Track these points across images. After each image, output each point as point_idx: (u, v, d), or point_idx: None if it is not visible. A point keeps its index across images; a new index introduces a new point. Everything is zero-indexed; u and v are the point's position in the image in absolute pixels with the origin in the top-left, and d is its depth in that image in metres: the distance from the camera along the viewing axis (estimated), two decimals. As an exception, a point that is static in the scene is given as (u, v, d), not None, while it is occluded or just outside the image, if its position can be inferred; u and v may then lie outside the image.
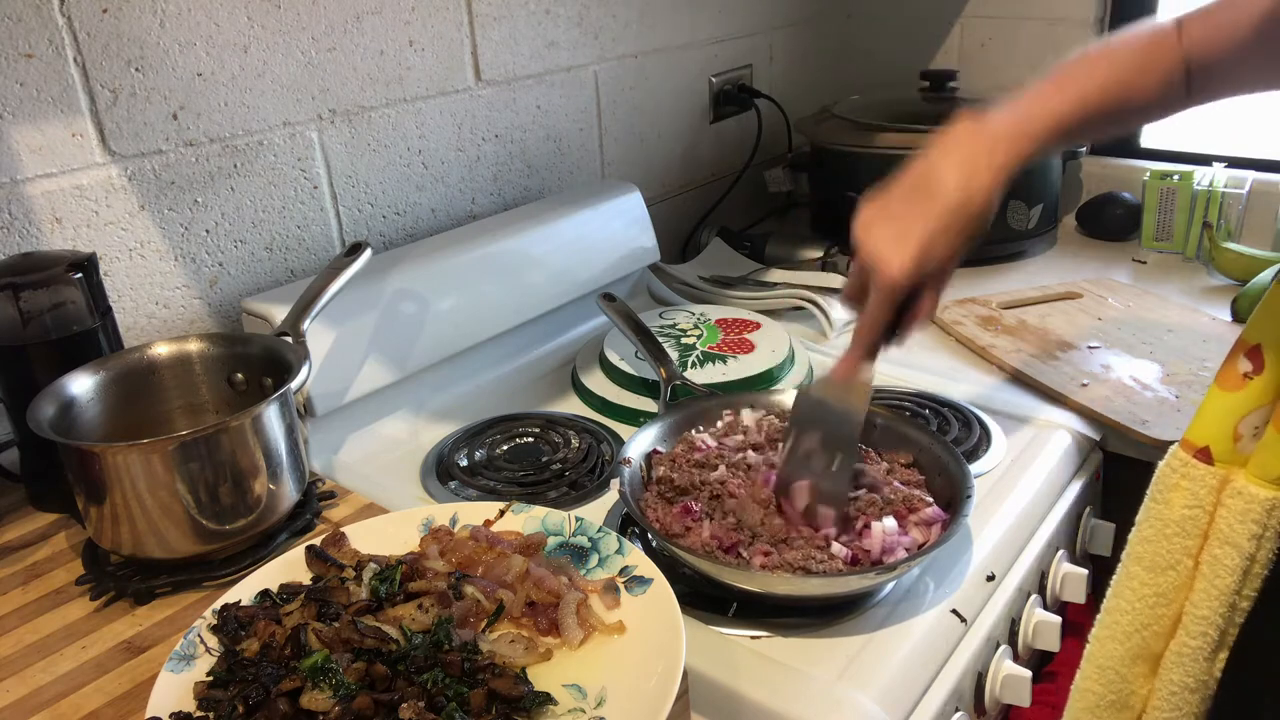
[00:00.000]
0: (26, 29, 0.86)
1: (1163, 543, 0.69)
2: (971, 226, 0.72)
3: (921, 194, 0.72)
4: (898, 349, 0.80)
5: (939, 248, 0.71)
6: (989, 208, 0.72)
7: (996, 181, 0.72)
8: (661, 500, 0.82)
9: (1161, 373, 1.10)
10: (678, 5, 1.50)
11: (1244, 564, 0.64)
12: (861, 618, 0.76)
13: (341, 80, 1.10)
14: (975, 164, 0.72)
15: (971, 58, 1.73)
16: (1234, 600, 0.65)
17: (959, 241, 0.72)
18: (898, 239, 0.71)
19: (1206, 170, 1.48)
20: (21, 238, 0.90)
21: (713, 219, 1.63)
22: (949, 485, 0.82)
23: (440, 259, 1.11)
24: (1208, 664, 0.67)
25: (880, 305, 0.73)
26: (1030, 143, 0.72)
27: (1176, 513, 0.68)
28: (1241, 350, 0.67)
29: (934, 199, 0.71)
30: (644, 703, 0.58)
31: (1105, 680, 0.73)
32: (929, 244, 0.71)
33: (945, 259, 0.72)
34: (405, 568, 0.69)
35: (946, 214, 0.71)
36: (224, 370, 0.88)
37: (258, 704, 0.57)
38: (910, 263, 0.71)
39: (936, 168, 0.73)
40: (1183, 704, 0.68)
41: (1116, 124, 0.77)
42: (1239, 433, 0.66)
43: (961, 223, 0.71)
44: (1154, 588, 0.69)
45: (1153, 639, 0.70)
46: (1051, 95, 0.74)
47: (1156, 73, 0.72)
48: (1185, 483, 0.67)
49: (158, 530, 0.75)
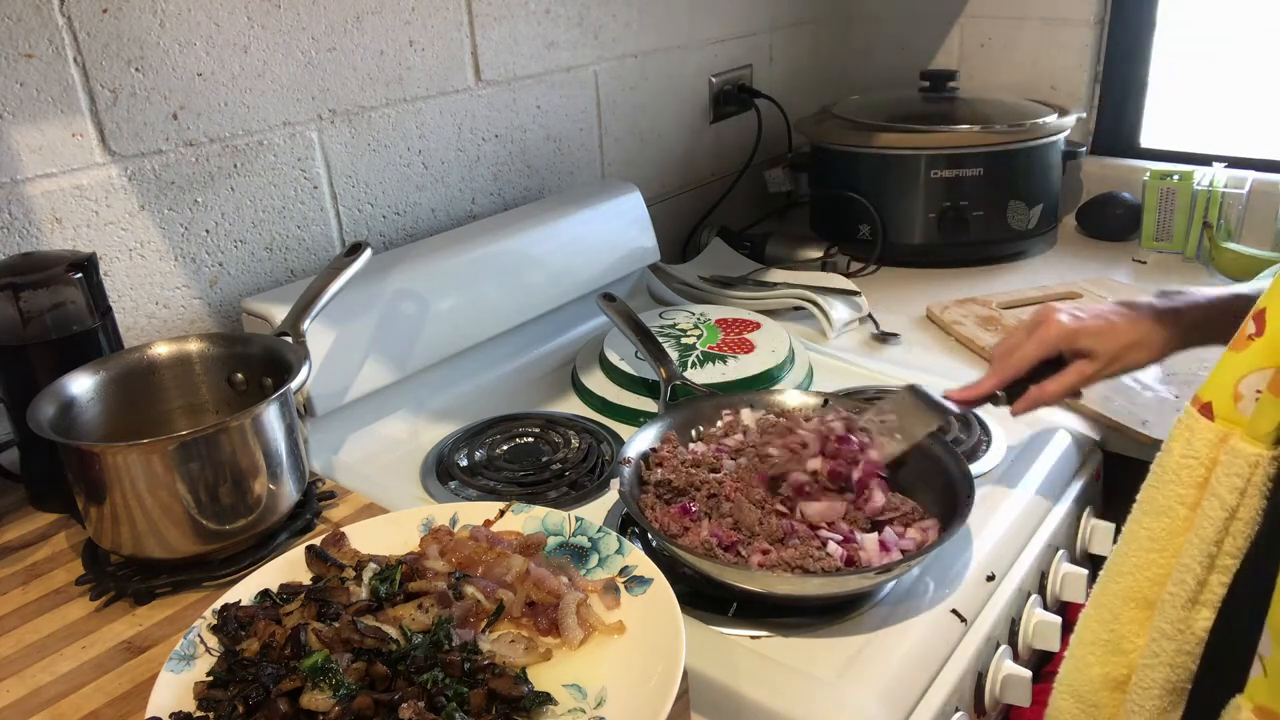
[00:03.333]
0: (26, 29, 0.86)
1: (1160, 489, 0.72)
2: (1130, 360, 0.84)
3: (1122, 312, 0.85)
4: (901, 349, 0.85)
5: (1104, 337, 0.83)
6: (1150, 360, 0.85)
7: (1163, 352, 0.84)
8: (659, 500, 0.83)
9: (1161, 373, 1.10)
10: (678, 5, 1.50)
11: (1224, 515, 0.66)
12: (861, 618, 0.76)
13: (341, 80, 1.10)
14: (1164, 331, 0.84)
15: (971, 58, 1.73)
16: (1213, 551, 0.67)
17: (1114, 348, 0.83)
18: (1076, 312, 0.85)
19: (1206, 170, 1.48)
20: (21, 238, 0.90)
21: (713, 219, 1.63)
22: (949, 485, 0.82)
23: (440, 259, 1.11)
24: (1184, 613, 0.69)
25: (1033, 349, 0.85)
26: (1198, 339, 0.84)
27: (1174, 460, 0.71)
28: (1252, 314, 0.69)
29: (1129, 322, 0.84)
30: (644, 703, 0.58)
31: (1101, 619, 0.75)
32: (1098, 330, 0.83)
33: (1100, 351, 0.83)
34: (405, 568, 0.69)
35: (1127, 335, 0.83)
36: (224, 370, 0.88)
37: (258, 704, 0.57)
38: (1080, 324, 0.83)
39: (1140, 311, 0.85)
40: (1160, 650, 0.70)
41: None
42: (1239, 392, 0.68)
43: (1122, 355, 0.84)
44: (1148, 531, 0.72)
45: (1145, 584, 0.72)
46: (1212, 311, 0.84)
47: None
48: (1185, 433, 0.70)
49: (158, 530, 0.75)
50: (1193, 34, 1.59)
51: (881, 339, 1.24)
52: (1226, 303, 0.84)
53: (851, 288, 1.34)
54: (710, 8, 1.57)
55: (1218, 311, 0.84)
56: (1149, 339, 0.84)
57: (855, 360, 1.18)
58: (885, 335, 1.24)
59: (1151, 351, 0.84)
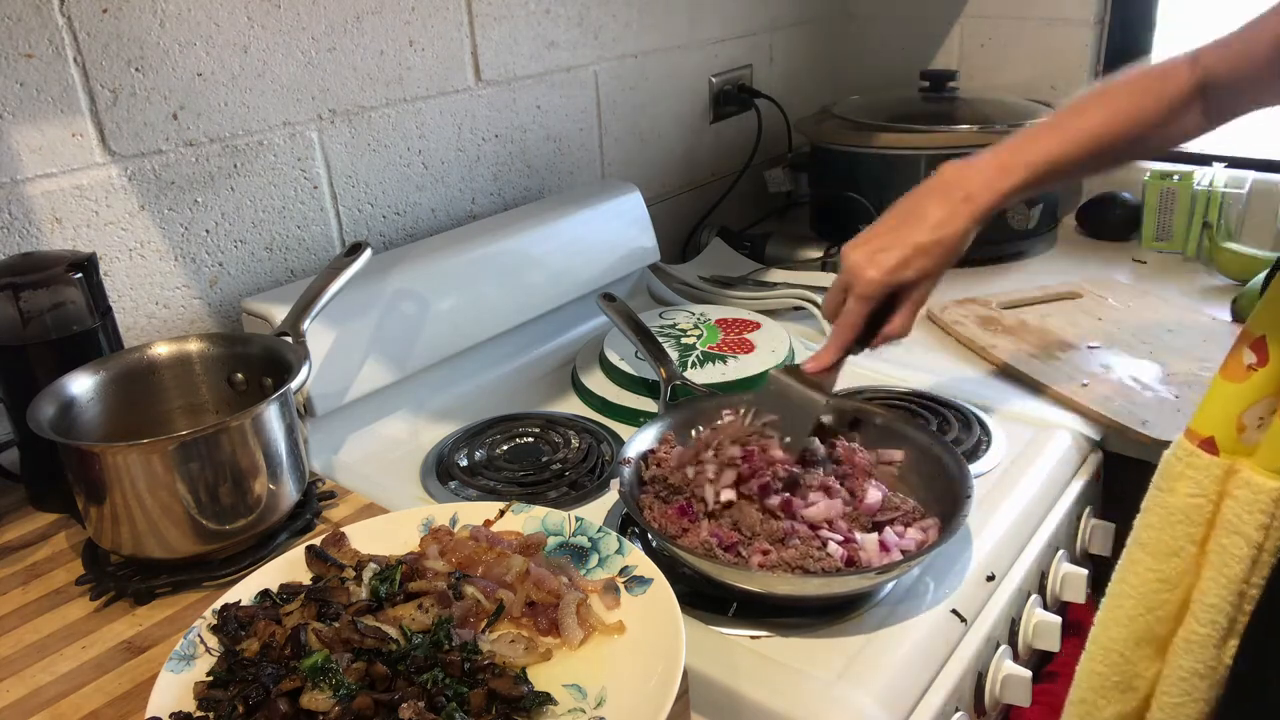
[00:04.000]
0: (26, 29, 0.86)
1: (1167, 530, 0.71)
2: (946, 257, 0.81)
3: (904, 224, 0.82)
4: (901, 349, 0.84)
5: (912, 266, 0.80)
6: (963, 243, 0.81)
7: (971, 222, 0.81)
8: (659, 500, 0.82)
9: (1161, 373, 1.10)
10: (678, 5, 1.50)
11: (1252, 553, 0.66)
12: (861, 618, 0.76)
13: (341, 80, 1.10)
14: (954, 204, 0.80)
15: (971, 58, 1.73)
16: (1242, 589, 0.67)
17: (932, 266, 0.81)
18: (877, 252, 0.81)
19: (1206, 170, 1.48)
20: (21, 238, 0.90)
21: (713, 219, 1.63)
22: (949, 485, 0.82)
23: (440, 259, 1.11)
24: (1216, 651, 0.68)
25: (856, 308, 0.82)
26: (1007, 187, 0.80)
27: (1181, 501, 0.70)
28: (1246, 342, 0.69)
29: (915, 229, 0.80)
30: (644, 703, 0.58)
31: (1110, 662, 0.74)
32: (904, 261, 0.80)
33: (918, 277, 0.81)
34: (405, 568, 0.69)
35: (925, 241, 0.80)
36: (224, 370, 0.88)
37: (258, 704, 0.57)
38: (884, 271, 0.80)
39: (920, 203, 0.82)
40: (1192, 690, 0.69)
41: (1113, 160, 0.83)
42: (1243, 423, 0.68)
43: (938, 251, 0.80)
44: (1158, 573, 0.71)
45: (1156, 623, 0.72)
46: (1043, 136, 0.81)
47: (1160, 104, 0.77)
48: (1190, 472, 0.69)
49: (158, 530, 0.75)
50: (1193, 34, 1.59)
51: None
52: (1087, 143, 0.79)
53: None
54: (710, 8, 1.57)
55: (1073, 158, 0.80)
56: (960, 233, 0.80)
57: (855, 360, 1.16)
58: (883, 339, 1.24)
59: (967, 238, 0.81)
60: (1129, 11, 1.59)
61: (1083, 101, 0.80)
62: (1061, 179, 0.82)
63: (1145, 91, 0.78)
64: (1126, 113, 0.78)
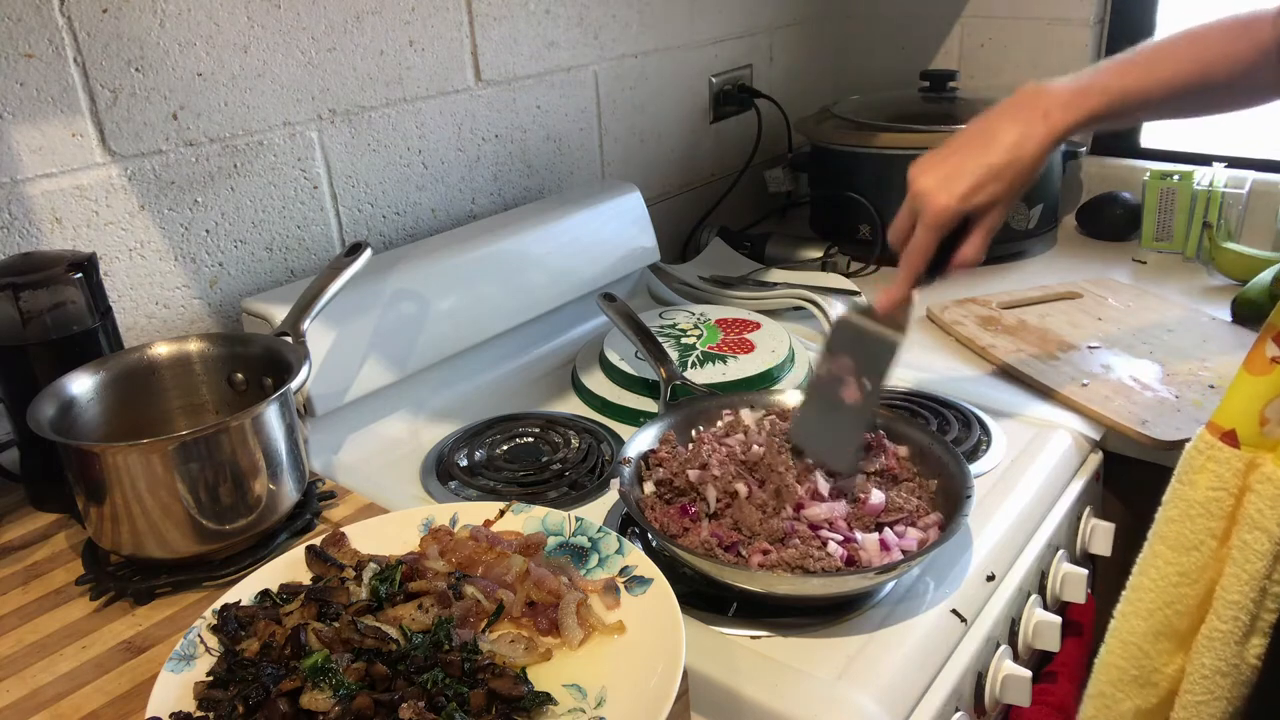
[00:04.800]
0: (26, 29, 0.86)
1: (1187, 523, 0.70)
2: (1020, 179, 0.77)
3: (977, 145, 0.78)
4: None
5: (986, 190, 0.76)
6: (1038, 164, 0.78)
7: (1048, 140, 0.77)
8: (659, 500, 0.83)
9: (1161, 373, 1.10)
10: (678, 5, 1.50)
11: (1274, 549, 0.65)
12: (861, 618, 0.76)
13: (341, 80, 1.10)
14: (1031, 123, 0.77)
15: (971, 58, 1.73)
16: (1264, 585, 0.66)
17: (1007, 190, 0.77)
18: (948, 178, 0.77)
19: (1206, 170, 1.48)
20: (21, 238, 0.90)
21: (713, 219, 1.63)
22: (949, 485, 0.82)
23: (440, 259, 1.11)
24: (1239, 648, 0.68)
25: (926, 237, 0.78)
26: (1087, 110, 0.77)
27: (1201, 494, 0.69)
28: (1270, 335, 0.68)
29: (988, 150, 0.77)
30: (644, 703, 0.58)
31: (1129, 655, 0.74)
32: (977, 185, 0.76)
33: (991, 202, 0.77)
34: (405, 568, 0.69)
35: (998, 163, 0.77)
36: (224, 370, 0.88)
37: (258, 704, 0.57)
38: (956, 198, 0.76)
39: (995, 124, 0.78)
40: (1215, 687, 0.69)
41: (1188, 105, 0.79)
42: (1265, 417, 0.67)
43: (1012, 173, 0.77)
44: (1178, 567, 0.71)
45: (1175, 617, 0.71)
46: (1122, 71, 0.78)
47: (1250, 53, 0.74)
48: (1211, 465, 0.69)
49: (158, 530, 0.75)
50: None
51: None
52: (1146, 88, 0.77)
53: (851, 288, 1.34)
54: (710, 8, 1.57)
55: (1154, 96, 0.77)
56: (1036, 153, 0.77)
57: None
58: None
59: (1043, 160, 0.78)
60: (1129, 11, 1.59)
61: (1172, 40, 0.77)
62: (1137, 116, 0.80)
63: (1237, 37, 0.74)
64: (1214, 59, 0.75)
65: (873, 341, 0.81)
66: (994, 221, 0.79)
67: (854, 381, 0.81)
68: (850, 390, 0.80)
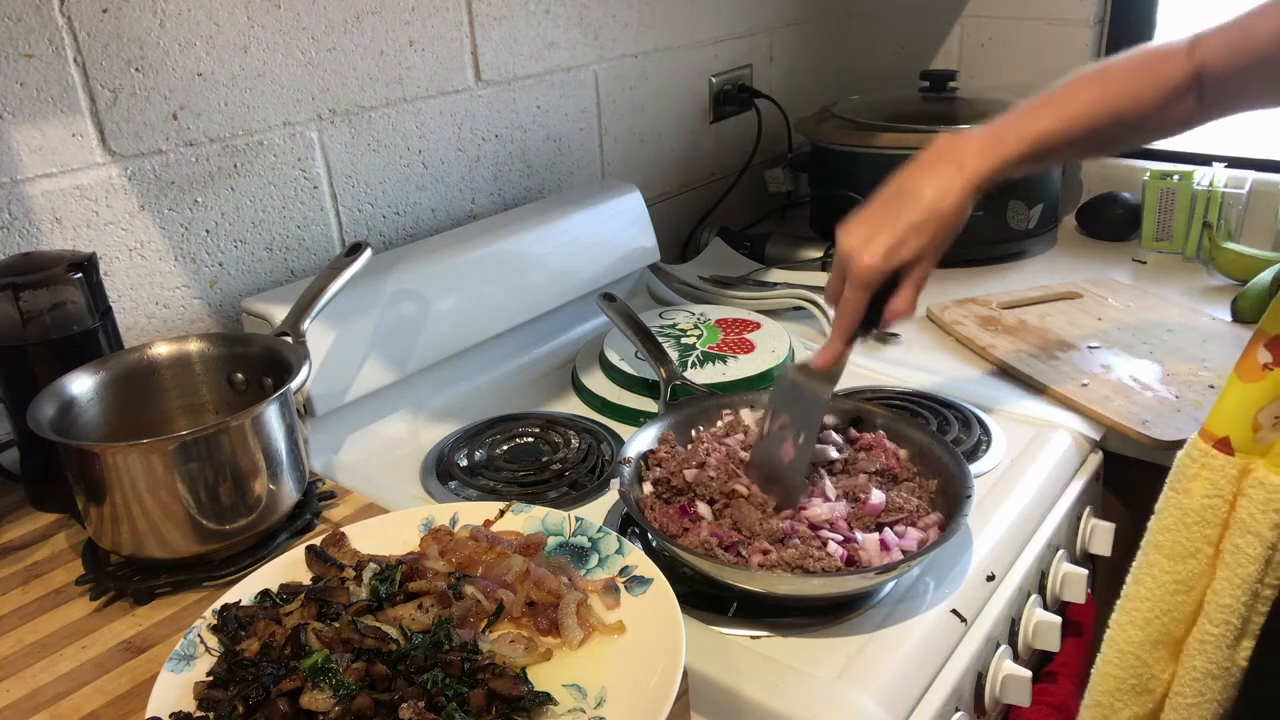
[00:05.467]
0: (26, 29, 0.86)
1: (1183, 531, 0.70)
2: (943, 231, 0.78)
3: (897, 201, 0.79)
4: (901, 349, 0.82)
5: (908, 246, 0.77)
6: (960, 215, 0.79)
7: (966, 191, 0.78)
8: (659, 500, 0.83)
9: (1161, 373, 1.10)
10: (678, 5, 1.50)
11: (1266, 553, 0.65)
12: (861, 618, 0.76)
13: (341, 80, 1.10)
14: (948, 175, 0.78)
15: (971, 58, 1.73)
16: (1256, 589, 0.66)
17: (930, 243, 0.78)
18: (869, 238, 0.78)
19: (1206, 170, 1.48)
20: (21, 238, 0.90)
21: (713, 219, 1.63)
22: (949, 485, 0.82)
23: (440, 259, 1.11)
24: (1230, 651, 0.68)
25: (855, 296, 0.79)
26: (1001, 157, 0.78)
27: (1196, 502, 0.69)
28: (1261, 341, 0.68)
29: (907, 207, 0.78)
30: (644, 703, 0.58)
31: (1126, 664, 0.74)
32: (899, 242, 0.77)
33: (916, 257, 0.78)
34: (405, 568, 0.69)
35: (918, 219, 0.78)
36: (224, 370, 0.88)
37: (258, 704, 0.57)
38: (879, 257, 0.77)
39: (913, 180, 0.79)
40: (1205, 690, 0.69)
41: (1107, 142, 0.81)
42: (1259, 423, 0.67)
43: (933, 227, 0.78)
44: (1174, 575, 0.71)
45: (1173, 625, 0.71)
46: (1035, 114, 0.79)
47: (1156, 90, 0.76)
48: (1205, 472, 0.69)
49: (158, 530, 0.75)
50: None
51: (881, 339, 1.24)
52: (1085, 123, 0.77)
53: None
54: (710, 8, 1.57)
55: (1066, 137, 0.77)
56: (955, 206, 0.78)
57: (855, 360, 1.17)
58: (885, 335, 1.24)
59: (963, 211, 0.78)
60: (1129, 11, 1.59)
61: (1080, 80, 0.78)
62: (1055, 157, 0.80)
63: (1142, 74, 0.76)
64: (1121, 96, 0.76)
65: (806, 396, 0.84)
66: (922, 273, 0.80)
67: (790, 440, 0.83)
68: (787, 449, 0.83)
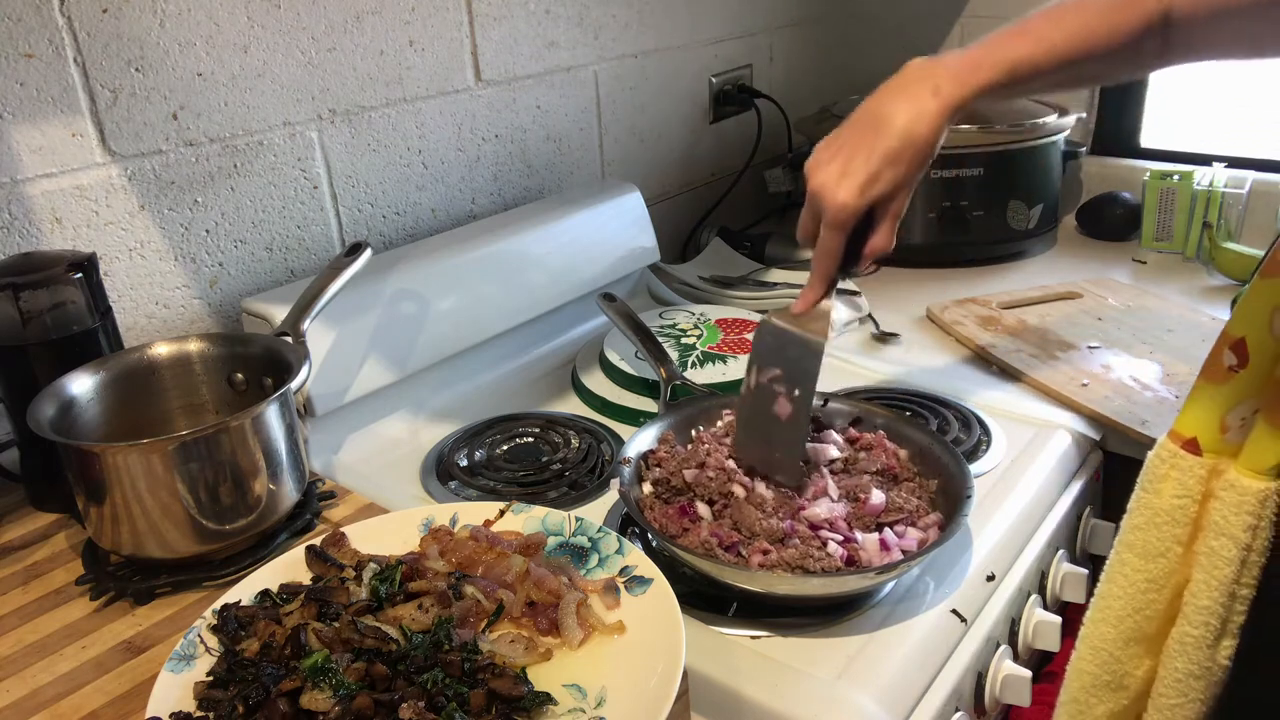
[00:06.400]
0: (26, 29, 0.86)
1: (1153, 530, 0.70)
2: (918, 160, 0.75)
3: (869, 130, 0.75)
4: (901, 349, 0.81)
5: (884, 179, 0.74)
6: (934, 142, 0.75)
7: (941, 117, 0.74)
8: (659, 500, 0.83)
9: (1161, 373, 1.10)
10: (678, 5, 1.50)
11: (1241, 554, 0.66)
12: (861, 618, 0.76)
13: (341, 80, 1.10)
14: (921, 100, 0.74)
15: (971, 58, 1.72)
16: (1234, 590, 0.67)
17: (906, 173, 0.75)
18: (843, 171, 0.74)
19: (1206, 170, 1.48)
20: (21, 238, 0.90)
21: (713, 219, 1.63)
22: (949, 485, 0.82)
23: (440, 259, 1.11)
24: (1210, 651, 0.68)
25: (831, 237, 0.76)
26: (977, 82, 0.75)
27: (1166, 502, 0.69)
28: (1225, 344, 0.69)
29: (880, 134, 0.74)
30: (644, 703, 0.58)
31: (1099, 661, 0.74)
32: (873, 175, 0.73)
33: (892, 188, 0.75)
34: (405, 568, 0.69)
35: (893, 147, 0.73)
36: (224, 370, 0.88)
37: (258, 704, 0.57)
38: (854, 193, 0.73)
39: (885, 105, 0.75)
40: (1188, 690, 0.69)
41: (1075, 76, 0.77)
42: (1226, 424, 0.68)
43: (909, 156, 0.74)
44: (1145, 574, 0.71)
45: (1145, 622, 0.72)
46: (1012, 40, 0.75)
47: (1127, 26, 0.73)
48: (1174, 473, 0.69)
49: (158, 530, 0.75)
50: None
51: (882, 339, 1.24)
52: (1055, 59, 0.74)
53: (851, 288, 1.34)
54: (710, 8, 1.57)
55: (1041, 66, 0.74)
56: (930, 131, 0.74)
57: (855, 360, 1.18)
58: (885, 335, 1.25)
59: (938, 137, 0.75)
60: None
61: (1057, 9, 0.76)
62: (1030, 85, 0.77)
63: (1119, 8, 0.73)
64: (1099, 28, 0.73)
65: (796, 346, 0.79)
66: (899, 206, 0.76)
67: (784, 393, 0.80)
68: (782, 404, 0.79)
